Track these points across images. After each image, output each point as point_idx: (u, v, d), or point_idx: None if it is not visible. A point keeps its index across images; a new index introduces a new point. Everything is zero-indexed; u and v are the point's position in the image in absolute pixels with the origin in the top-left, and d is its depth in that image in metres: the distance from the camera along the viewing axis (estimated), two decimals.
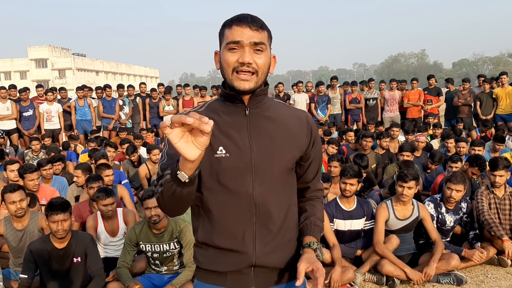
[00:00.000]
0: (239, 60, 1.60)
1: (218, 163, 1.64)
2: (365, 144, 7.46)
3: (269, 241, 1.71)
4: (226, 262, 1.71)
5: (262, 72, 1.65)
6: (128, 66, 78.66)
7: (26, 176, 5.40)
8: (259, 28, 1.62)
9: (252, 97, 1.68)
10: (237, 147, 1.66)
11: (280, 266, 1.76)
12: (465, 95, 11.46)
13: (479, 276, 4.47)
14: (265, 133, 1.70)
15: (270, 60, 1.69)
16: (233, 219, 1.67)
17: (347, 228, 4.63)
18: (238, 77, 1.62)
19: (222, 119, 1.69)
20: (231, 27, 1.62)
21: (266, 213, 1.69)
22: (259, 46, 1.61)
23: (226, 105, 1.72)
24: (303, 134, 1.77)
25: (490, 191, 4.91)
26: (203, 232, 1.73)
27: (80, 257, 3.85)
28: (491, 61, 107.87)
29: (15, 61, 64.90)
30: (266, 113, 1.73)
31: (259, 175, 1.67)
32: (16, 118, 10.73)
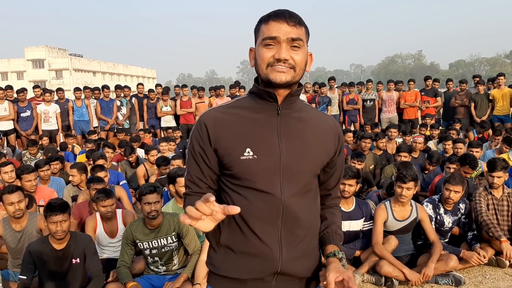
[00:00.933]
0: (275, 56, 1.55)
1: (245, 165, 1.58)
2: (364, 145, 7.49)
3: (296, 246, 1.64)
4: (249, 268, 1.62)
5: (299, 68, 1.59)
6: (125, 67, 78.53)
7: (23, 177, 5.39)
8: (296, 24, 1.56)
9: (287, 96, 1.62)
10: (265, 147, 1.59)
11: (303, 275, 1.69)
12: (462, 96, 11.51)
13: (477, 277, 4.49)
14: (296, 134, 1.64)
15: (307, 57, 1.63)
16: (260, 222, 1.60)
17: (346, 229, 4.64)
18: (273, 69, 1.56)
19: (252, 116, 1.62)
20: (267, 23, 1.57)
21: (294, 217, 1.62)
22: (296, 42, 1.56)
23: (257, 102, 1.65)
24: (331, 140, 1.72)
25: (488, 192, 4.92)
26: (227, 235, 1.64)
27: (79, 258, 3.84)
28: (488, 62, 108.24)
29: (12, 61, 64.71)
30: (298, 114, 1.67)
31: (287, 177, 1.60)
32: (13, 119, 10.70)
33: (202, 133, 1.63)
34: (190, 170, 1.68)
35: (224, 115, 1.64)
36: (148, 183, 4.38)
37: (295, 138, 1.63)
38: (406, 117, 11.84)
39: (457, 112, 11.55)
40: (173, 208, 4.92)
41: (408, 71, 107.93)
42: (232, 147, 1.60)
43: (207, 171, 1.66)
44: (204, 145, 1.63)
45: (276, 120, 1.63)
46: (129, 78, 73.76)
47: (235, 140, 1.60)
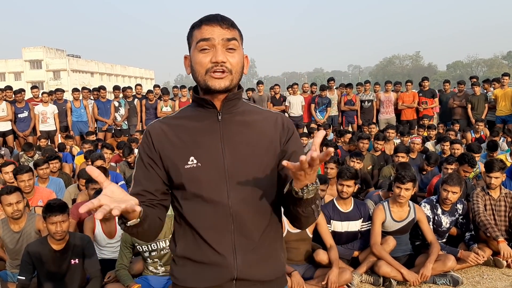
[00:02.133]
0: (211, 60, 1.53)
1: (190, 173, 1.57)
2: (362, 146, 7.51)
3: (251, 251, 1.61)
4: (206, 277, 1.61)
5: (236, 71, 1.57)
6: (123, 68, 78.46)
7: (18, 177, 5.37)
8: (230, 26, 1.56)
9: (225, 101, 1.61)
10: (209, 155, 1.59)
11: (264, 279, 1.65)
12: (460, 97, 11.55)
13: (475, 277, 4.50)
14: (239, 138, 1.62)
15: (243, 60, 1.62)
16: (211, 231, 1.59)
17: (344, 229, 4.66)
18: (211, 76, 1.55)
19: (193, 125, 1.63)
20: (200, 27, 1.56)
21: (244, 222, 1.60)
22: (231, 44, 1.55)
23: (198, 111, 1.65)
24: (277, 134, 1.67)
25: (485, 193, 4.94)
26: (183, 245, 1.65)
27: (78, 259, 3.85)
28: (485, 63, 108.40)
29: (10, 62, 64.57)
30: (240, 117, 1.65)
31: (234, 183, 1.58)
32: (11, 120, 10.70)
33: (149, 143, 1.63)
34: (137, 182, 1.64)
35: (167, 126, 1.65)
36: None
37: (238, 143, 1.61)
38: (404, 118, 11.88)
39: (455, 113, 11.58)
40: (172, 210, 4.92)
41: (406, 72, 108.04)
42: (176, 157, 1.60)
43: (156, 178, 1.63)
44: (152, 155, 1.63)
45: (218, 126, 1.62)
46: (127, 79, 73.67)
47: (179, 150, 1.60)
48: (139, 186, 1.63)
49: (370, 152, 7.74)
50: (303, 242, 4.42)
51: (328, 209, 4.66)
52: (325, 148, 6.00)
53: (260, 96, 12.16)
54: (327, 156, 1.31)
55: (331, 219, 4.63)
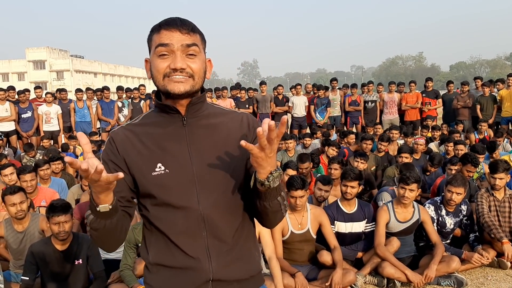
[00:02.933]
0: (170, 66, 1.50)
1: (158, 180, 1.54)
2: (365, 147, 7.49)
3: (225, 253, 1.60)
4: (181, 282, 1.59)
5: (198, 77, 1.54)
6: (126, 68, 78.61)
7: (21, 177, 5.39)
8: (190, 31, 1.52)
9: (189, 106, 1.58)
10: (176, 161, 1.56)
11: (240, 278, 1.64)
12: (464, 98, 11.52)
13: (479, 278, 4.48)
14: (205, 142, 1.59)
15: (205, 64, 1.59)
16: (183, 236, 1.56)
17: (348, 230, 4.64)
18: (170, 80, 1.50)
19: (158, 131, 1.59)
20: (159, 32, 1.51)
21: (216, 225, 1.58)
22: (191, 49, 1.51)
23: (162, 116, 1.61)
24: (243, 134, 1.65)
25: (490, 194, 4.92)
26: (155, 252, 1.61)
27: (82, 259, 3.85)
28: (488, 64, 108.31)
29: (13, 62, 64.79)
30: (205, 121, 1.63)
31: (203, 187, 1.56)
32: (15, 120, 10.72)
33: (113, 149, 1.59)
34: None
35: (131, 132, 1.61)
36: None
37: (205, 146, 1.59)
38: (407, 118, 11.86)
39: (459, 114, 11.55)
40: None
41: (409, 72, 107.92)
42: (142, 164, 1.57)
43: (122, 185, 1.56)
44: (117, 161, 1.58)
45: (183, 131, 1.59)
46: (130, 80, 73.83)
47: (145, 157, 1.57)
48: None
49: (373, 153, 7.72)
50: (307, 243, 4.41)
51: (332, 210, 4.65)
52: (327, 148, 5.97)
53: (263, 97, 12.14)
54: (283, 126, 1.32)
55: (335, 220, 4.62)
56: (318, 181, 5.02)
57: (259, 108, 11.96)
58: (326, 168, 7.15)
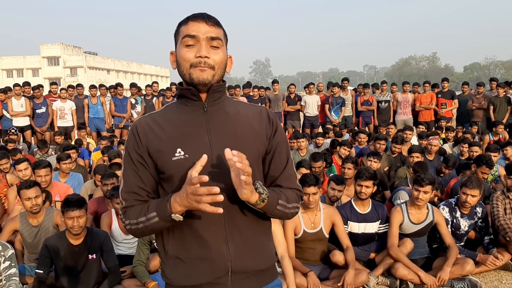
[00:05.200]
0: (196, 55, 1.58)
1: (178, 165, 1.57)
2: (378, 147, 7.45)
3: (243, 242, 1.64)
4: (200, 273, 1.61)
5: (218, 68, 1.61)
6: (139, 65, 79.03)
7: (35, 172, 5.44)
8: (215, 24, 1.61)
9: (209, 93, 1.64)
10: (196, 146, 1.60)
11: (256, 268, 1.68)
12: (479, 99, 11.39)
13: (493, 282, 4.43)
14: (225, 129, 1.65)
15: (226, 59, 1.66)
16: (202, 225, 1.59)
17: (361, 231, 4.61)
18: (195, 69, 1.59)
19: (180, 117, 1.65)
20: (187, 23, 1.61)
21: (235, 213, 1.62)
22: (215, 42, 1.60)
23: (183, 105, 1.68)
24: (263, 127, 1.71)
25: (505, 196, 4.86)
26: (173, 245, 1.64)
27: (95, 254, 3.87)
28: (503, 65, 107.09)
29: (28, 58, 65.49)
30: (226, 109, 1.69)
31: (223, 174, 1.57)
32: (29, 115, 10.83)
33: (135, 139, 1.64)
34: (128, 180, 1.64)
35: (152, 120, 1.67)
36: None
37: (225, 133, 1.64)
38: (421, 119, 11.74)
39: (474, 115, 11.43)
40: None
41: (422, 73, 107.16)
42: (163, 150, 1.61)
43: (147, 177, 1.64)
44: (140, 151, 1.63)
45: (204, 118, 1.65)
46: (142, 77, 74.21)
47: (166, 142, 1.62)
48: (133, 185, 1.64)
49: (386, 153, 7.67)
50: (319, 242, 4.39)
51: (346, 210, 4.62)
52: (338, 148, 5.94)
53: (275, 95, 12.12)
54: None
55: (348, 220, 4.59)
56: (331, 181, 5.00)
57: (271, 107, 11.95)
58: (338, 168, 7.12)
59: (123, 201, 1.64)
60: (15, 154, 7.60)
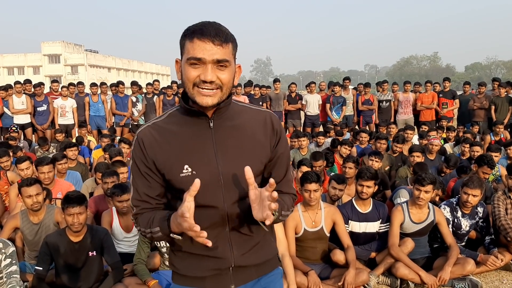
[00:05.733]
0: (200, 77, 1.54)
1: (186, 181, 1.58)
2: (379, 146, 7.44)
3: (245, 243, 1.73)
4: (205, 267, 1.71)
5: (227, 87, 1.59)
6: (140, 63, 79.01)
7: (38, 169, 5.45)
8: (222, 43, 1.53)
9: (216, 111, 1.64)
10: (202, 162, 1.61)
11: (257, 262, 1.77)
12: (481, 99, 11.37)
13: (494, 282, 4.43)
14: (231, 143, 1.66)
15: (234, 73, 1.62)
16: (208, 230, 1.56)
17: (362, 230, 4.61)
18: (199, 92, 1.55)
19: (185, 131, 1.64)
20: (192, 40, 1.53)
21: (239, 222, 1.68)
22: (222, 63, 1.54)
23: (188, 117, 1.66)
24: (268, 138, 1.73)
25: (507, 196, 4.85)
26: (181, 243, 1.69)
27: (96, 251, 3.87)
28: (505, 65, 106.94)
29: (29, 56, 65.51)
30: (231, 122, 1.68)
31: (229, 187, 1.63)
32: (30, 113, 10.83)
33: (142, 152, 1.66)
34: (138, 189, 1.69)
35: (157, 132, 1.67)
36: None
37: (230, 147, 1.65)
38: (422, 119, 11.73)
39: (475, 115, 11.41)
40: None
41: (423, 72, 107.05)
42: (171, 165, 1.63)
43: (156, 185, 1.68)
44: (148, 164, 1.65)
45: (209, 133, 1.65)
46: (143, 75, 74.21)
47: (173, 158, 1.63)
48: (143, 193, 1.68)
49: (387, 153, 7.66)
50: (320, 241, 4.39)
51: (347, 209, 4.62)
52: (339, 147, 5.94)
53: (276, 94, 12.11)
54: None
55: (349, 220, 4.59)
56: (332, 180, 4.99)
57: (272, 105, 11.93)
58: (339, 167, 7.11)
59: (134, 208, 1.70)
60: (16, 152, 7.61)
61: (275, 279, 1.86)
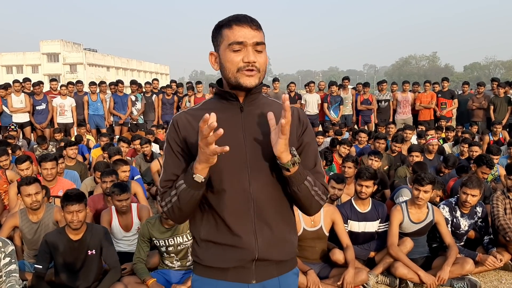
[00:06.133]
0: (243, 60, 1.65)
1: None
2: (378, 146, 7.45)
3: (270, 233, 1.74)
4: (229, 258, 1.74)
5: (263, 70, 1.70)
6: (138, 62, 78.94)
7: (42, 164, 5.45)
8: (258, 28, 1.67)
9: (248, 95, 1.73)
10: (231, 144, 1.64)
11: (280, 259, 1.80)
12: (479, 99, 11.39)
13: (493, 282, 4.44)
14: (259, 129, 1.73)
15: (267, 61, 1.74)
16: (233, 215, 1.70)
17: (361, 229, 4.62)
18: (243, 74, 1.66)
19: (218, 116, 1.65)
20: (231, 27, 1.65)
21: (264, 207, 1.72)
22: (260, 46, 1.67)
23: (221, 103, 1.76)
24: (294, 127, 1.77)
25: (506, 196, 4.85)
26: (206, 230, 1.76)
27: (95, 250, 3.86)
28: (503, 65, 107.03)
29: (27, 54, 65.37)
30: (260, 110, 1.76)
31: (254, 170, 1.70)
32: (29, 112, 10.81)
33: (176, 132, 1.75)
34: (167, 169, 1.75)
35: (192, 116, 1.76)
36: None
37: (258, 133, 1.72)
38: (421, 118, 11.74)
39: (474, 115, 11.42)
40: None
41: (422, 72, 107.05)
42: None
43: (185, 164, 1.73)
44: (179, 142, 1.74)
45: (240, 118, 1.74)
46: (142, 74, 74.16)
47: None
48: (171, 173, 1.74)
49: (386, 152, 7.67)
50: (319, 240, 4.39)
51: (346, 209, 4.62)
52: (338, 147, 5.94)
53: (275, 94, 12.10)
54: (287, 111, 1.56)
55: (348, 219, 4.59)
56: (331, 179, 4.99)
57: None
58: (338, 167, 7.12)
59: (161, 189, 1.75)
60: (15, 151, 7.60)
61: (292, 281, 1.89)
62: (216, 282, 1.78)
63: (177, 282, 4.06)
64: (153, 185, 7.51)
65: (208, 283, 1.79)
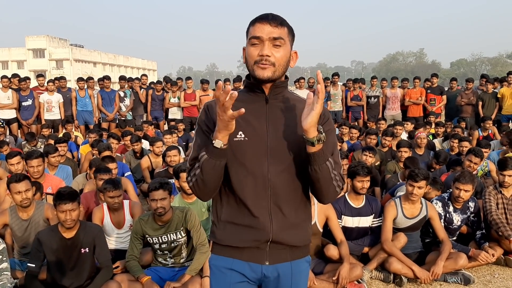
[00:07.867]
0: (259, 53, 1.79)
1: (238, 145, 1.83)
2: (369, 141, 7.46)
3: (284, 218, 1.88)
4: (245, 238, 1.87)
5: (279, 65, 1.81)
6: (126, 58, 78.38)
7: (28, 162, 5.34)
8: (278, 25, 1.79)
9: (272, 87, 1.87)
10: (255, 131, 1.85)
11: (294, 244, 1.92)
12: (468, 95, 11.48)
13: (486, 276, 4.47)
14: (281, 121, 1.87)
15: (289, 55, 1.86)
16: (252, 198, 1.84)
17: (355, 225, 4.61)
18: (258, 66, 1.80)
19: (244, 106, 1.79)
20: (254, 24, 1.82)
21: (279, 193, 1.85)
22: (278, 41, 1.79)
23: (249, 95, 1.91)
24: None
25: (498, 191, 4.89)
26: (228, 211, 1.90)
27: (88, 248, 3.80)
28: (489, 62, 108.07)
29: (13, 50, 64.54)
30: (284, 103, 1.91)
31: (274, 158, 1.84)
32: (16, 108, 10.63)
33: (206, 115, 1.91)
34: (196, 147, 1.88)
35: None
36: (156, 179, 4.32)
37: (280, 124, 1.87)
38: (410, 114, 11.79)
39: (463, 111, 11.51)
40: (180, 202, 4.87)
41: (409, 69, 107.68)
42: None
43: None
44: (208, 122, 1.88)
45: (264, 109, 1.89)
46: (129, 70, 73.61)
47: None
48: (200, 149, 1.82)
49: (377, 148, 7.68)
50: (314, 236, 4.36)
51: (340, 204, 4.61)
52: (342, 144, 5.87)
53: None
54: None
55: (342, 215, 4.59)
56: None
57: None
58: None
59: (189, 166, 1.87)
60: (2, 146, 7.48)
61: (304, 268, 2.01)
62: (232, 260, 1.92)
63: (170, 279, 4.01)
64: (143, 182, 7.43)
65: (225, 261, 1.93)
